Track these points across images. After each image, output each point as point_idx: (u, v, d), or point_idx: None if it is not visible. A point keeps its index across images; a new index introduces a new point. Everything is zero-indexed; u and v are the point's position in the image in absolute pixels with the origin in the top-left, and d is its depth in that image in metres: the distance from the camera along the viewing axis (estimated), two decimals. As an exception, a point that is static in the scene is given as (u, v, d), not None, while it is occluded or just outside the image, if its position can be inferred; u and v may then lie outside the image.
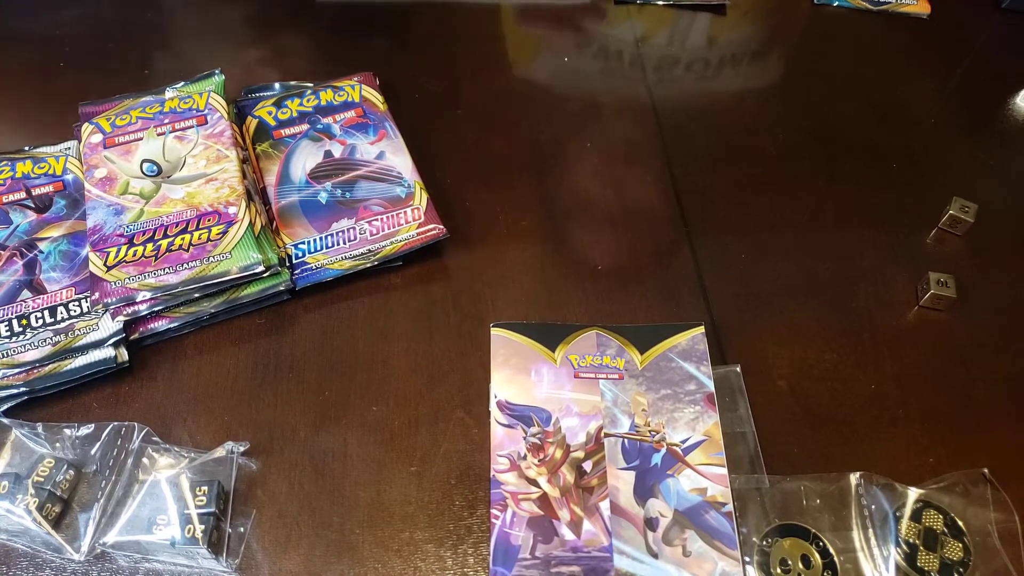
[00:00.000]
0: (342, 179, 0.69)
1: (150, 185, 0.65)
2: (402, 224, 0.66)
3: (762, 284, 0.68)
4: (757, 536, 0.54)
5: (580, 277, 0.67)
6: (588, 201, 0.73)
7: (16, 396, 0.58)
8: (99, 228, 0.62)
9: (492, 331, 0.63)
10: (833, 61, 0.86)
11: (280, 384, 0.61)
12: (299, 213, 0.67)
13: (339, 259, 0.64)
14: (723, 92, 0.83)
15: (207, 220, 0.63)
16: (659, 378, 0.60)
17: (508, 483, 0.56)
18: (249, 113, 0.72)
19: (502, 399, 0.59)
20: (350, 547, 0.54)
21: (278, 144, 0.71)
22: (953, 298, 0.66)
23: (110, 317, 0.60)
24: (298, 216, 0.66)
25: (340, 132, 0.72)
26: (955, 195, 0.71)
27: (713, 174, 0.75)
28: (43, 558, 0.53)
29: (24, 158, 0.68)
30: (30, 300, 0.61)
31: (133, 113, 0.69)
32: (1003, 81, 0.85)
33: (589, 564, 0.53)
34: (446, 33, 0.86)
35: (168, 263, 0.60)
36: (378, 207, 0.66)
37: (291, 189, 0.68)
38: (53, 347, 0.58)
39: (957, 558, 0.53)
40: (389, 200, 0.67)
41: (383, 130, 0.72)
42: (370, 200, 0.67)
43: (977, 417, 0.61)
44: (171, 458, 0.55)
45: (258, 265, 0.61)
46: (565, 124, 0.78)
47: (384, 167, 0.69)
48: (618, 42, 0.85)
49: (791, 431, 0.60)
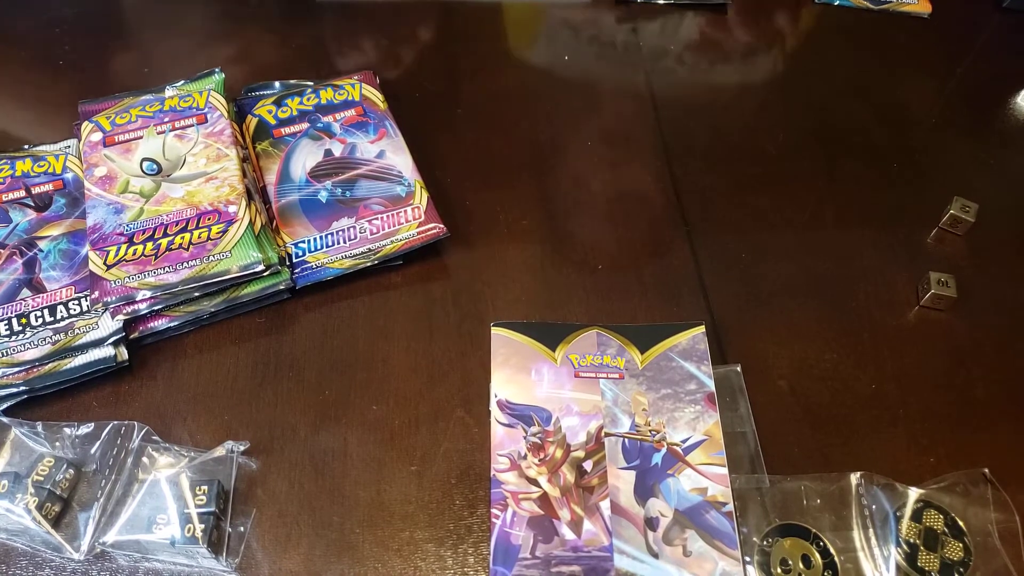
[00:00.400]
0: (342, 178, 0.69)
1: (150, 184, 0.65)
2: (402, 223, 0.66)
3: (762, 284, 0.68)
4: (757, 536, 0.54)
5: (580, 276, 0.67)
6: (588, 200, 0.73)
7: (16, 395, 0.58)
8: (99, 227, 0.62)
9: (492, 330, 0.63)
10: (834, 60, 0.86)
11: (280, 383, 0.61)
12: (299, 212, 0.67)
13: (339, 258, 0.64)
14: (723, 91, 0.83)
15: (207, 219, 0.63)
16: (659, 377, 0.60)
17: (508, 482, 0.56)
18: (249, 112, 0.72)
19: (502, 398, 0.59)
20: (350, 546, 0.54)
21: (278, 143, 0.71)
22: (954, 298, 0.66)
23: (110, 316, 0.60)
24: (298, 215, 0.66)
25: (340, 131, 0.71)
26: (956, 195, 0.71)
27: (713, 173, 0.75)
28: (43, 557, 0.53)
29: (24, 156, 0.68)
30: (29, 299, 0.60)
31: (133, 111, 0.69)
32: (1004, 80, 0.85)
33: (589, 564, 0.52)
34: (446, 32, 0.86)
35: (168, 262, 0.60)
36: (378, 206, 0.66)
37: (291, 188, 0.68)
38: (53, 346, 0.58)
39: (957, 558, 0.53)
40: (389, 199, 0.67)
41: (383, 129, 0.72)
42: (370, 199, 0.67)
43: (978, 417, 0.61)
44: (171, 457, 0.55)
45: (258, 264, 0.61)
46: (565, 123, 0.78)
47: (384, 166, 0.69)
48: (619, 41, 0.85)
49: (792, 431, 0.60)
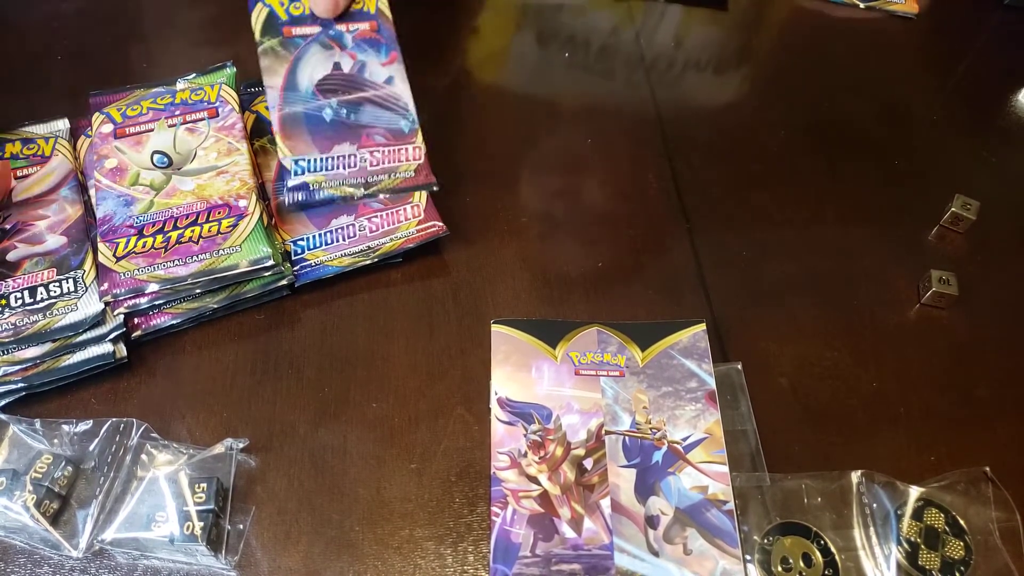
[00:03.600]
0: (349, 98, 0.67)
1: (160, 176, 0.64)
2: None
3: (763, 281, 0.67)
4: (758, 534, 0.54)
5: (581, 274, 0.67)
6: (589, 197, 0.72)
7: (14, 392, 0.57)
8: (109, 218, 0.62)
9: (492, 328, 0.62)
10: (834, 58, 0.86)
11: (279, 381, 0.60)
12: (302, 127, 0.65)
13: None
14: (724, 88, 0.83)
15: (217, 212, 0.62)
16: (660, 375, 0.60)
17: (508, 480, 0.55)
18: (247, 108, 0.72)
19: (503, 396, 0.59)
20: (350, 544, 0.54)
21: (288, 43, 0.68)
22: (955, 296, 0.66)
23: (110, 310, 0.59)
24: (301, 131, 0.65)
25: (352, 44, 0.69)
26: (957, 192, 0.71)
27: (714, 171, 0.75)
28: (41, 555, 0.52)
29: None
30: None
31: (144, 104, 0.68)
32: (1005, 78, 0.84)
33: (590, 562, 0.52)
34: (446, 28, 0.85)
35: (178, 255, 0.60)
36: (380, 138, 0.65)
37: (297, 98, 0.66)
38: (53, 344, 0.58)
39: (958, 557, 0.53)
40: (392, 132, 0.66)
41: (395, 52, 0.69)
42: (374, 128, 0.66)
43: (979, 415, 0.61)
44: (170, 455, 0.55)
45: (268, 259, 0.60)
46: (566, 120, 0.78)
47: (391, 95, 0.67)
48: (618, 38, 0.85)
49: (792, 429, 0.59)
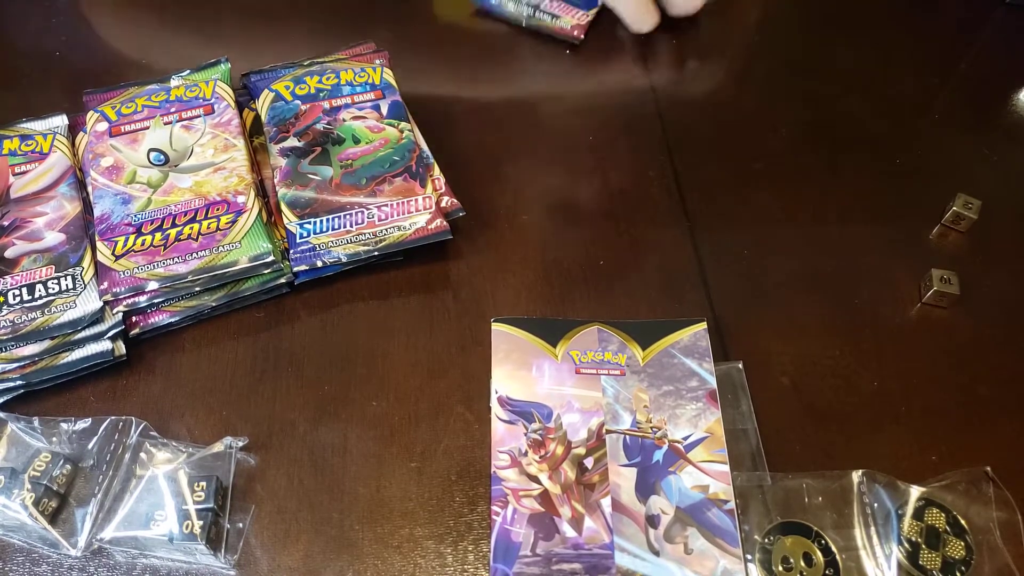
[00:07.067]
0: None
1: (157, 174, 0.64)
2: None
3: (764, 280, 0.67)
4: (759, 534, 0.54)
5: (581, 272, 0.67)
6: (589, 195, 0.72)
7: (12, 389, 0.57)
8: (107, 217, 0.62)
9: (493, 326, 0.62)
10: (836, 54, 0.85)
11: (279, 379, 0.60)
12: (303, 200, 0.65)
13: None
14: (725, 85, 0.82)
15: (216, 209, 0.62)
16: (661, 374, 0.60)
17: (509, 479, 0.55)
18: (247, 105, 0.72)
19: (503, 395, 0.59)
20: (349, 543, 0.54)
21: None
22: (956, 295, 0.65)
23: (109, 308, 0.59)
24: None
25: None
26: (959, 191, 0.71)
27: (715, 168, 0.74)
28: (39, 553, 0.52)
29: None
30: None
31: (139, 101, 0.68)
32: (1007, 76, 0.84)
33: (590, 561, 0.52)
34: (446, 28, 0.85)
35: (177, 252, 0.60)
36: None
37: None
38: (52, 341, 0.58)
39: (959, 556, 0.53)
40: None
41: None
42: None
43: (980, 415, 0.61)
44: (169, 453, 0.55)
45: (268, 255, 0.60)
46: (566, 118, 0.78)
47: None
48: (620, 35, 0.85)
49: (793, 428, 0.59)
